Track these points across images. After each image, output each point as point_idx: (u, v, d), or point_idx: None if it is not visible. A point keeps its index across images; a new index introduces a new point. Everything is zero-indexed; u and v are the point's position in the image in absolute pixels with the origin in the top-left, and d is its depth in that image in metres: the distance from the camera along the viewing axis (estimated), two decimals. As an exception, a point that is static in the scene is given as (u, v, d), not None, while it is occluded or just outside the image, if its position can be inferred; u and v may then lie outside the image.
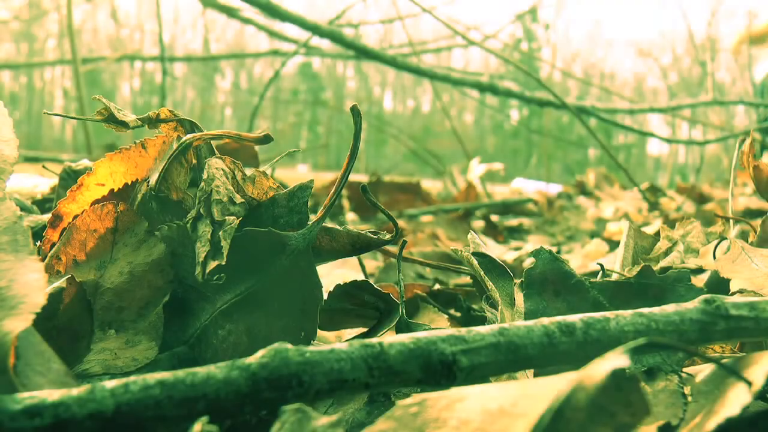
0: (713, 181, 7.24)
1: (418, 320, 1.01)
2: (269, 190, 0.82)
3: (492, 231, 2.94)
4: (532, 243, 2.74)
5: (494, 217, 3.56)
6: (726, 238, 1.20)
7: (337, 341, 0.97)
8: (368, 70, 47.22)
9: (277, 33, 5.81)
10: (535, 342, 0.59)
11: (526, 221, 3.64)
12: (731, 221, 1.34)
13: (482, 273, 0.88)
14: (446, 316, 1.03)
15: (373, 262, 1.91)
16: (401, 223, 2.72)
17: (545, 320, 0.60)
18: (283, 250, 0.78)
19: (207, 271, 0.71)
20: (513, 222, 3.57)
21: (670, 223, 2.44)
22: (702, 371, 0.68)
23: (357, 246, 0.84)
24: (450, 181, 4.66)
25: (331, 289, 0.90)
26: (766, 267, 0.94)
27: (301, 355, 0.52)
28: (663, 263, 1.23)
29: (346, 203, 3.23)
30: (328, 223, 0.84)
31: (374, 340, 0.54)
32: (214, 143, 0.87)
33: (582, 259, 2.19)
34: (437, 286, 1.36)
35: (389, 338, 0.55)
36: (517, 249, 2.51)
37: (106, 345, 0.75)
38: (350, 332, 1.04)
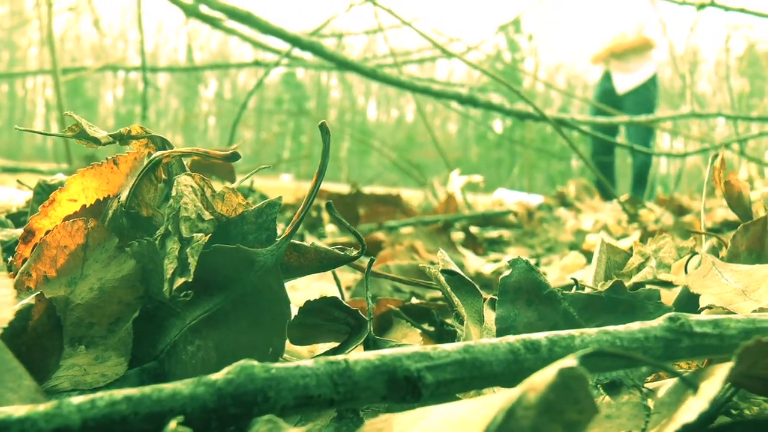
0: (693, 192, 7.29)
1: (391, 335, 1.02)
2: (238, 206, 0.82)
3: (472, 243, 2.94)
4: (511, 255, 2.75)
5: (474, 229, 3.57)
6: (698, 253, 1.21)
7: (310, 356, 0.98)
8: (352, 80, 47.31)
9: (260, 43, 5.82)
10: (500, 359, 0.60)
11: (506, 233, 3.65)
12: (703, 236, 1.36)
13: (449, 289, 0.89)
14: (419, 331, 1.04)
15: (352, 275, 1.91)
16: (381, 235, 2.73)
17: (510, 338, 0.61)
18: (251, 266, 0.78)
19: (174, 287, 0.72)
20: (493, 234, 3.58)
21: (649, 235, 2.47)
22: (665, 385, 0.70)
23: (325, 262, 0.84)
24: (431, 193, 4.67)
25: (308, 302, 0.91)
26: (735, 282, 0.96)
27: (266, 371, 0.53)
28: (636, 278, 1.24)
29: (325, 215, 3.23)
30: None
31: (340, 357, 0.55)
32: (191, 158, 0.88)
33: (560, 271, 2.20)
34: (413, 300, 1.37)
35: (355, 355, 0.56)
36: (495, 261, 2.52)
37: (76, 361, 0.75)
38: (323, 347, 1.05)
